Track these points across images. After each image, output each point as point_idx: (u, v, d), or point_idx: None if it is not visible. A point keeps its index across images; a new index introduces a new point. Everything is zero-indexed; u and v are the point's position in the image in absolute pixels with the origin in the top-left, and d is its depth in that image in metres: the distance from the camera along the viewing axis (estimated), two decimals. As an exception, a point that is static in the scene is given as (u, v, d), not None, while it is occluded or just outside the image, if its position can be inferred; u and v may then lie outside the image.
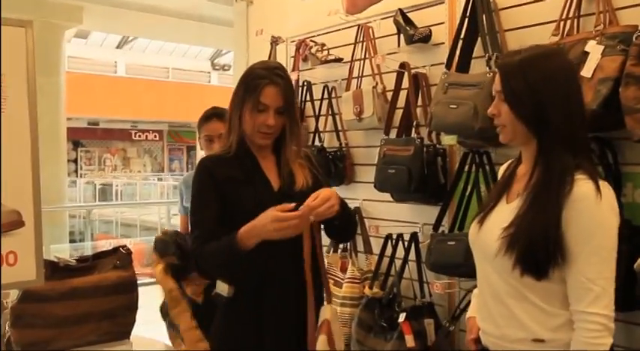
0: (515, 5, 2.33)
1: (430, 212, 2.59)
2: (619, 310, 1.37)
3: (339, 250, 3.02)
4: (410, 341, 2.35)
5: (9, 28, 1.55)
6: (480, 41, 2.34)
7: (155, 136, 22.27)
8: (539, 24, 2.22)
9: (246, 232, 1.65)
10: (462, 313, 2.34)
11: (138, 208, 11.98)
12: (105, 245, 8.08)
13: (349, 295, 2.74)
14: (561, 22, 2.07)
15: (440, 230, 2.48)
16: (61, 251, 7.54)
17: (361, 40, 2.96)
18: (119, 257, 2.09)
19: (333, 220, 1.70)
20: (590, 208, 1.34)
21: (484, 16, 2.29)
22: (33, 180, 1.60)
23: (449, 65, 2.40)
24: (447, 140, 2.44)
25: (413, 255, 2.64)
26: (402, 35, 2.73)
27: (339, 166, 3.06)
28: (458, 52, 2.40)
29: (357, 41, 2.98)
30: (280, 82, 1.77)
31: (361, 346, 2.53)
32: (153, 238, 2.57)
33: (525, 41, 1.80)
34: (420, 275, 2.61)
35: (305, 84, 3.29)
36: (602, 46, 1.83)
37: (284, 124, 1.81)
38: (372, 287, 2.67)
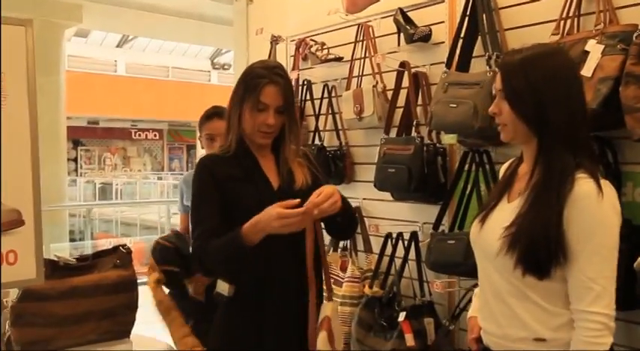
0: (516, 4, 2.33)
1: (430, 211, 2.59)
2: (619, 309, 1.37)
3: (339, 249, 3.02)
4: (410, 340, 2.35)
5: (9, 26, 1.55)
6: (480, 40, 2.34)
7: (155, 135, 22.28)
8: (539, 23, 2.22)
9: (252, 227, 1.64)
10: (462, 312, 2.34)
11: (138, 207, 12.02)
12: (105, 244, 8.09)
13: (349, 294, 2.74)
14: (561, 22, 2.07)
15: (440, 229, 2.48)
16: (61, 250, 7.54)
17: (361, 39, 2.96)
18: (119, 256, 2.10)
19: (335, 216, 1.70)
20: (591, 206, 1.34)
21: (484, 15, 2.29)
22: (33, 179, 1.60)
23: (449, 64, 2.40)
24: (447, 139, 2.44)
25: (413, 254, 2.64)
26: (402, 34, 2.73)
27: (339, 165, 3.06)
28: (458, 51, 2.40)
29: (357, 40, 2.98)
30: (280, 82, 1.77)
31: (361, 345, 2.53)
32: (153, 237, 2.56)
33: (525, 40, 1.80)
34: (420, 274, 2.62)
35: (305, 83, 3.29)
36: (602, 46, 1.83)
37: (283, 123, 1.82)
38: (371, 286, 2.67)
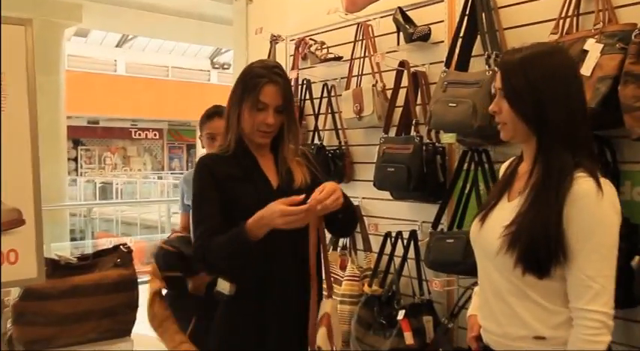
0: (515, 3, 2.33)
1: (429, 210, 2.59)
2: (618, 307, 1.37)
3: (338, 248, 3.03)
4: (409, 338, 2.35)
5: (9, 26, 1.56)
6: (480, 39, 2.34)
7: (155, 135, 22.28)
8: (538, 22, 2.23)
9: (256, 222, 1.64)
10: (461, 310, 2.34)
11: (138, 206, 12.04)
12: (105, 243, 8.08)
13: (348, 292, 2.75)
14: (560, 21, 2.07)
15: (439, 228, 2.49)
16: (62, 249, 7.53)
17: (361, 39, 2.96)
18: (120, 255, 2.10)
19: (337, 213, 1.70)
20: (591, 205, 1.34)
21: (483, 15, 2.29)
22: (33, 178, 1.61)
23: (448, 63, 2.40)
24: (446, 138, 2.45)
25: (412, 253, 2.65)
26: (401, 33, 2.73)
27: (338, 165, 3.07)
28: (457, 50, 2.40)
29: (356, 39, 2.98)
30: (279, 81, 1.77)
31: (360, 344, 2.53)
32: (153, 237, 2.56)
33: (525, 39, 1.81)
34: (419, 273, 2.62)
35: (304, 82, 3.29)
36: (601, 45, 1.83)
37: (282, 122, 1.82)
38: (371, 285, 2.68)
